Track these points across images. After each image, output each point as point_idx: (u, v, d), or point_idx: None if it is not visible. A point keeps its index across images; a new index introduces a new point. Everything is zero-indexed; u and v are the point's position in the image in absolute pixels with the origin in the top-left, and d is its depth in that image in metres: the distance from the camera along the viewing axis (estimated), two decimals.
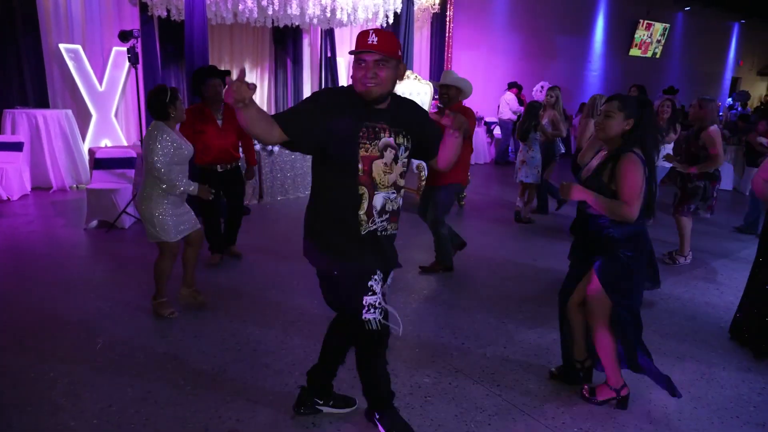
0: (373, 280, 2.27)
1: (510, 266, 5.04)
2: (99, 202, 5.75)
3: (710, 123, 4.83)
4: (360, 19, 7.80)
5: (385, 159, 2.23)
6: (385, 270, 2.37)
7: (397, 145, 2.25)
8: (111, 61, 8.24)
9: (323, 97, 2.25)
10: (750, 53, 23.62)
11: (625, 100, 2.69)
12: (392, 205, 2.30)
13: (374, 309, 2.28)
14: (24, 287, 4.22)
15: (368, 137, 2.20)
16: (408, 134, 2.30)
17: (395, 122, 2.26)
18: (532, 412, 2.82)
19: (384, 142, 2.23)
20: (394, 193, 2.29)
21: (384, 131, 2.23)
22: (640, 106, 2.68)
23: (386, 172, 2.24)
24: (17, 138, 7.13)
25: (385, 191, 2.26)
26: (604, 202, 2.62)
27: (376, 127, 2.22)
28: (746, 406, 2.96)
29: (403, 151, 2.28)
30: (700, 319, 4.04)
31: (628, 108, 2.65)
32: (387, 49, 2.11)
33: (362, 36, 2.13)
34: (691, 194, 5.01)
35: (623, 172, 2.59)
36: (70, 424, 2.63)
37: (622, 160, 2.61)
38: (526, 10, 14.12)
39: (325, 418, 2.71)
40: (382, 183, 2.24)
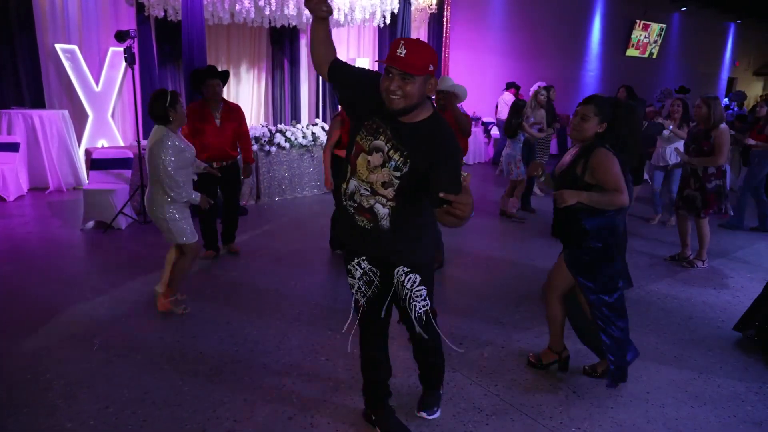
0: (351, 264, 2.44)
1: (508, 266, 5.04)
2: (95, 203, 5.73)
3: (720, 121, 4.83)
4: (357, 20, 7.81)
5: (370, 158, 2.23)
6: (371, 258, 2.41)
7: (388, 156, 2.20)
8: (107, 62, 8.21)
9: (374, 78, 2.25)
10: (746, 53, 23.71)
11: (601, 104, 2.80)
12: (362, 199, 2.27)
13: (354, 290, 2.48)
14: (20, 288, 4.21)
15: (367, 130, 2.25)
16: (408, 159, 2.17)
17: (403, 140, 2.18)
18: (529, 412, 2.82)
19: (376, 144, 2.22)
20: (368, 192, 2.25)
21: (383, 136, 2.21)
22: (614, 108, 2.81)
23: (368, 170, 2.24)
24: (13, 138, 7.11)
25: (358, 182, 2.27)
26: (598, 197, 2.74)
27: (380, 128, 2.21)
28: (743, 405, 2.96)
29: (393, 167, 2.19)
30: (697, 319, 4.04)
31: (602, 113, 2.78)
32: (415, 64, 2.04)
33: (394, 45, 2.08)
34: (716, 194, 4.95)
35: (603, 166, 2.72)
36: (67, 425, 2.62)
37: (596, 155, 2.75)
38: (523, 10, 14.14)
39: (323, 419, 2.71)
40: (359, 173, 2.26)
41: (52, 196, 7.25)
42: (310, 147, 7.54)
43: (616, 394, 3.00)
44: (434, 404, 2.77)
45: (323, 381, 3.05)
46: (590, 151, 2.79)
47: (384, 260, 2.39)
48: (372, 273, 2.43)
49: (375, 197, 2.25)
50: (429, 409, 2.74)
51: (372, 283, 2.44)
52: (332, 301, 4.16)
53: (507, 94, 11.13)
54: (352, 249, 2.44)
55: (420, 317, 2.43)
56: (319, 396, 2.90)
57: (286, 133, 7.33)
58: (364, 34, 11.36)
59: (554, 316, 3.11)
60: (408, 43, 2.06)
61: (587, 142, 2.84)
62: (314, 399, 2.88)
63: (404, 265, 2.35)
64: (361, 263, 2.42)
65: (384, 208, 2.25)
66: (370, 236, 2.31)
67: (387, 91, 2.09)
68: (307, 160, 7.57)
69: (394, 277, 2.39)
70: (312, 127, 7.72)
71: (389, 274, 2.41)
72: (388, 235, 2.28)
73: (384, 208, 2.25)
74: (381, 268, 2.42)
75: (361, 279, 2.44)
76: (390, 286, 2.44)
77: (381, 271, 2.42)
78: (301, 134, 7.44)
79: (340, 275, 4.69)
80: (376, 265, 2.42)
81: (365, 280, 2.44)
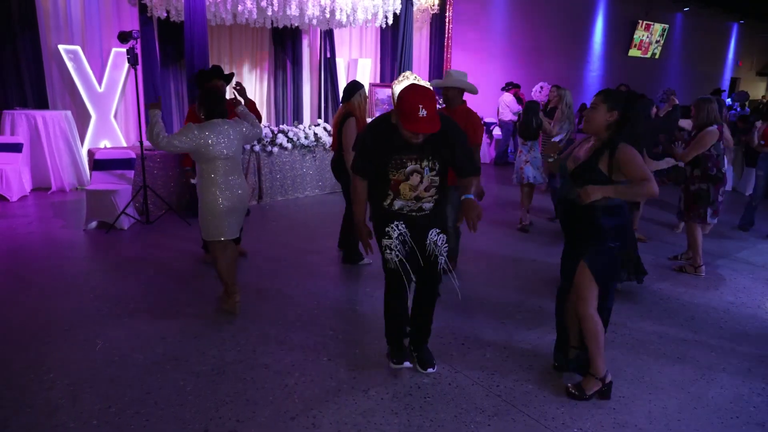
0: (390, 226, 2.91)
1: (510, 266, 5.04)
2: (98, 203, 5.74)
3: (709, 123, 4.72)
4: (359, 20, 7.81)
5: (410, 182, 2.83)
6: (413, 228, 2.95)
7: (422, 168, 2.81)
8: (110, 62, 8.24)
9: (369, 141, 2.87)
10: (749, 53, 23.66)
11: (608, 93, 2.81)
12: (410, 209, 2.91)
13: (390, 249, 2.90)
14: (23, 288, 4.22)
15: (395, 166, 2.81)
16: (435, 159, 2.83)
17: (424, 151, 2.78)
18: (531, 413, 2.82)
19: (410, 169, 2.81)
20: (414, 202, 2.89)
21: (411, 160, 2.80)
22: (625, 100, 2.77)
23: (412, 190, 2.85)
24: (16, 139, 7.13)
25: (404, 201, 2.89)
26: (626, 189, 2.70)
27: (403, 158, 2.80)
28: (746, 407, 2.96)
29: (428, 171, 2.83)
30: (699, 320, 4.04)
31: (610, 100, 2.75)
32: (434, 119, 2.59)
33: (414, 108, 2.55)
34: (696, 198, 4.85)
35: (629, 159, 2.68)
36: (70, 425, 2.62)
37: (621, 151, 2.69)
38: (525, 11, 14.13)
39: (325, 419, 2.71)
40: (404, 196, 2.87)
41: (54, 196, 7.27)
42: (312, 147, 7.54)
43: (619, 394, 2.99)
44: (432, 358, 3.14)
45: (325, 381, 3.05)
46: (611, 147, 2.72)
47: (421, 226, 2.94)
48: (406, 235, 2.92)
49: (420, 202, 2.90)
50: (432, 365, 3.10)
51: (406, 243, 2.92)
52: (334, 301, 4.16)
53: (507, 96, 11.11)
54: (391, 217, 2.92)
55: (442, 268, 2.97)
56: (322, 396, 2.91)
57: (288, 134, 7.34)
58: (366, 35, 11.36)
59: (596, 331, 2.84)
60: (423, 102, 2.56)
61: (600, 134, 2.78)
62: (316, 399, 2.88)
63: (436, 228, 2.95)
64: (399, 226, 2.91)
65: (429, 203, 2.93)
66: (414, 216, 2.94)
67: (414, 138, 2.67)
68: (309, 160, 7.57)
69: (426, 237, 2.93)
70: (314, 127, 7.73)
71: (422, 236, 2.93)
72: (428, 213, 2.94)
73: (429, 203, 2.93)
74: (414, 231, 2.94)
75: (398, 238, 2.90)
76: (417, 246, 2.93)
77: (412, 234, 2.93)
78: (303, 135, 7.45)
79: (341, 275, 4.70)
80: (411, 230, 2.93)
81: (401, 240, 2.91)
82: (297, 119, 10.29)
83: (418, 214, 2.92)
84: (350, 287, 4.50)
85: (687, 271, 5.02)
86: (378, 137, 2.83)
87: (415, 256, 2.93)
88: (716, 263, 5.32)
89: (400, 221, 2.91)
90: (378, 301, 3.70)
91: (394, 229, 2.89)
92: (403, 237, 2.90)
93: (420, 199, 2.88)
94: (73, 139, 7.62)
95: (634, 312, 4.10)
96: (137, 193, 6.08)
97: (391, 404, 2.85)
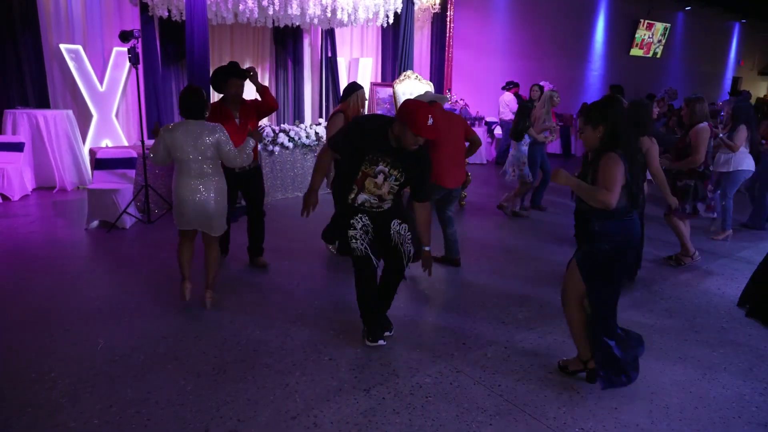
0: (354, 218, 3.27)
1: (511, 266, 5.03)
2: (100, 203, 5.74)
3: (697, 121, 4.82)
4: (360, 19, 7.80)
5: (376, 180, 3.21)
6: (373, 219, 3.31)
7: (389, 174, 3.20)
8: (112, 62, 8.23)
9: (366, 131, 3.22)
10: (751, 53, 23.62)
11: (588, 112, 2.88)
12: (371, 204, 3.28)
13: (355, 239, 3.26)
14: (24, 287, 4.22)
15: (370, 162, 3.19)
16: (404, 173, 3.22)
17: (396, 161, 3.18)
18: (533, 412, 2.82)
19: (379, 169, 3.19)
20: (376, 200, 3.27)
21: (383, 163, 3.18)
22: (603, 110, 2.83)
23: (376, 187, 3.22)
24: (18, 138, 7.13)
25: (367, 195, 3.25)
26: (584, 188, 2.81)
27: (378, 158, 3.18)
28: (748, 407, 2.95)
29: (393, 179, 3.22)
30: (701, 319, 4.03)
31: (593, 119, 2.83)
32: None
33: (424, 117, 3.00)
34: (682, 194, 4.92)
35: (604, 165, 2.77)
36: (70, 424, 2.62)
37: (602, 158, 2.80)
38: (526, 10, 14.11)
39: (326, 418, 2.71)
40: (368, 190, 3.24)
41: (56, 195, 7.27)
42: (313, 146, 7.54)
43: (620, 394, 2.99)
44: (390, 324, 3.58)
45: (327, 380, 3.05)
46: (599, 158, 2.83)
47: (383, 218, 3.29)
48: (368, 226, 3.28)
49: (381, 201, 3.27)
50: (389, 329, 3.55)
51: (368, 233, 3.28)
52: (335, 300, 4.16)
53: (507, 95, 11.10)
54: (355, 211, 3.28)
55: (408, 254, 3.33)
56: (323, 395, 2.91)
57: (289, 133, 7.34)
58: (367, 34, 11.36)
59: (571, 321, 3.06)
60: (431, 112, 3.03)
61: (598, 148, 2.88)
62: (317, 398, 2.88)
63: (397, 218, 3.31)
64: (362, 218, 3.27)
65: (388, 204, 3.32)
66: (375, 213, 3.30)
67: (414, 144, 3.08)
68: (310, 159, 7.57)
69: (390, 228, 3.28)
70: (315, 126, 7.73)
71: (384, 227, 3.29)
72: (388, 210, 3.33)
73: (388, 204, 3.32)
74: (376, 224, 3.30)
75: (361, 229, 3.26)
76: (380, 237, 3.31)
77: (375, 226, 3.29)
78: (304, 134, 7.45)
79: (343, 275, 4.69)
80: (373, 222, 3.29)
81: (364, 230, 3.27)
82: (298, 118, 10.29)
83: (377, 210, 3.29)
84: (351, 287, 4.48)
85: (683, 263, 5.11)
86: (371, 131, 3.19)
87: (377, 245, 3.32)
88: (718, 262, 5.31)
89: (363, 215, 3.28)
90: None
91: (358, 220, 3.26)
92: (366, 228, 3.27)
93: (381, 199, 3.25)
94: (74, 138, 7.61)
95: (635, 311, 4.10)
96: (139, 192, 6.08)
97: (393, 404, 2.85)
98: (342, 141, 3.29)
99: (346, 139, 3.27)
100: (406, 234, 3.29)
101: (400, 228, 3.29)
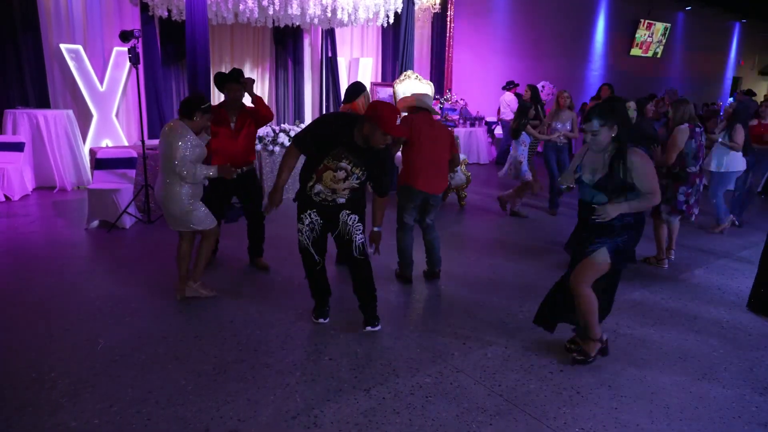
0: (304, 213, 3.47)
1: (511, 265, 5.03)
2: (100, 203, 5.75)
3: (679, 122, 4.85)
4: (360, 19, 7.81)
5: (336, 174, 3.33)
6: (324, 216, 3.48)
7: (351, 172, 3.33)
8: (112, 62, 8.24)
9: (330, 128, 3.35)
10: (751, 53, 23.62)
11: (600, 113, 2.95)
12: (325, 196, 3.39)
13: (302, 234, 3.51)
14: (25, 287, 4.23)
15: (334, 156, 3.30)
16: (366, 171, 3.37)
17: (360, 160, 3.32)
18: (533, 412, 2.82)
19: (341, 165, 3.31)
20: (329, 192, 3.37)
21: (346, 160, 3.30)
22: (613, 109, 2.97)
23: (333, 181, 3.33)
24: (18, 138, 7.14)
25: (323, 187, 3.36)
26: (638, 204, 2.98)
27: (342, 154, 3.29)
28: (748, 406, 2.95)
29: (355, 178, 3.35)
30: (701, 319, 4.03)
31: (606, 119, 2.93)
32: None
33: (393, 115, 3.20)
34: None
35: (641, 171, 2.93)
36: (71, 424, 2.63)
37: (632, 156, 2.94)
38: (526, 10, 14.12)
39: (326, 418, 2.71)
40: (325, 182, 3.35)
41: (56, 195, 7.27)
42: None
43: (620, 394, 2.99)
44: (376, 320, 3.65)
45: (327, 380, 3.05)
46: (622, 154, 2.94)
47: (332, 213, 3.44)
48: (317, 222, 3.47)
49: (335, 194, 3.38)
50: (372, 324, 3.63)
51: (314, 230, 3.48)
52: (335, 300, 4.15)
53: (508, 95, 11.09)
54: (307, 206, 3.45)
55: (358, 246, 3.50)
56: (323, 395, 2.91)
57: (289, 133, 7.33)
58: (367, 34, 11.36)
59: (591, 306, 3.14)
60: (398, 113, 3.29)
61: (608, 148, 3.00)
62: (318, 398, 2.88)
63: (346, 210, 3.44)
64: (312, 214, 3.44)
65: (342, 199, 3.42)
66: (327, 206, 3.43)
67: (383, 142, 3.25)
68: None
69: (338, 221, 3.44)
70: None
71: (332, 221, 3.46)
72: (341, 204, 3.43)
73: (342, 199, 3.42)
74: (325, 218, 3.46)
75: (309, 226, 3.46)
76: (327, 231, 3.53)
77: (324, 221, 3.46)
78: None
79: (342, 274, 4.69)
80: (322, 217, 3.46)
81: (311, 227, 3.47)
82: (298, 118, 10.29)
83: (330, 204, 3.41)
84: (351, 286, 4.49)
85: (650, 263, 5.14)
86: (340, 127, 3.32)
87: (323, 240, 3.56)
88: (719, 262, 5.31)
89: (313, 210, 3.43)
90: (379, 301, 3.70)
91: (307, 217, 3.45)
92: (313, 225, 3.47)
93: (335, 192, 3.36)
94: (74, 138, 7.62)
95: (636, 311, 4.10)
96: (139, 192, 6.08)
97: (393, 403, 2.85)
98: (308, 141, 3.36)
99: (316, 139, 3.34)
100: (354, 225, 3.47)
101: (349, 219, 3.46)
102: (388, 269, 4.71)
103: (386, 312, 3.91)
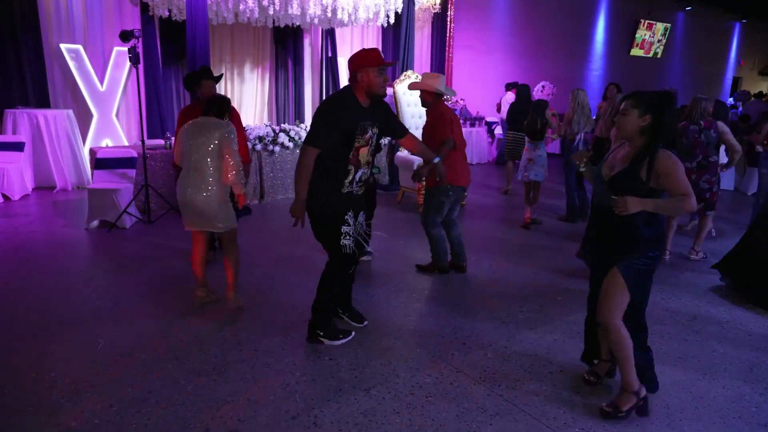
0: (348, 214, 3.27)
1: (511, 266, 5.03)
2: (100, 202, 5.75)
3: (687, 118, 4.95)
4: (361, 19, 7.80)
5: (369, 145, 3.24)
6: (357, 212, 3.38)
7: (373, 133, 3.24)
8: (112, 61, 8.24)
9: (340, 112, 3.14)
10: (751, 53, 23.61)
11: (640, 97, 2.62)
12: (365, 171, 3.31)
13: (349, 237, 3.30)
14: (24, 287, 4.23)
15: (361, 133, 3.16)
16: (379, 126, 3.29)
17: (374, 119, 3.23)
18: (533, 412, 2.82)
19: (370, 134, 3.21)
20: (367, 169, 3.30)
21: (369, 126, 3.19)
22: (659, 102, 2.60)
23: (368, 154, 3.25)
24: (18, 138, 7.14)
25: (365, 167, 3.27)
26: (666, 203, 2.60)
27: (366, 124, 3.17)
28: (748, 407, 2.95)
29: (376, 136, 3.28)
30: (701, 319, 4.03)
31: (642, 105, 2.60)
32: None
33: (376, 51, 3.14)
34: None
35: (671, 171, 2.55)
36: (71, 424, 2.63)
37: (662, 158, 2.56)
38: (527, 10, 14.11)
39: (326, 418, 2.71)
40: (362, 162, 3.24)
41: (56, 195, 7.28)
42: None
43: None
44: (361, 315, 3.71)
45: (327, 380, 3.05)
46: (651, 154, 2.58)
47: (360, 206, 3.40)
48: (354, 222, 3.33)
49: (369, 168, 3.34)
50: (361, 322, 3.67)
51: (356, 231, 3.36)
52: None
53: (509, 94, 11.08)
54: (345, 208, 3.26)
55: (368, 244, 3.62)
56: (323, 395, 2.91)
57: (290, 133, 7.34)
58: (367, 34, 11.36)
59: (626, 351, 2.71)
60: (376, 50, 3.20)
61: (634, 140, 2.65)
62: (318, 398, 2.88)
63: (363, 211, 3.46)
64: (351, 214, 3.28)
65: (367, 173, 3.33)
66: (361, 199, 3.39)
67: (383, 82, 3.13)
68: None
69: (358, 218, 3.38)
70: None
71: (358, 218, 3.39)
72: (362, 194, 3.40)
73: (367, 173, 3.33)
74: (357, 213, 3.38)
75: (353, 227, 3.31)
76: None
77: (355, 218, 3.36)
78: (304, 134, 7.44)
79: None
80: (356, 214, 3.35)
81: (356, 229, 3.34)
82: (298, 118, 10.30)
83: (361, 191, 3.35)
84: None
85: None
86: (347, 108, 3.16)
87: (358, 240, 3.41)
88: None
89: (349, 210, 3.28)
90: (379, 301, 3.70)
91: (351, 217, 3.29)
92: (354, 226, 3.35)
93: (369, 164, 3.32)
94: (74, 138, 7.62)
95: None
96: (139, 192, 6.08)
97: (393, 403, 2.85)
98: (327, 133, 3.11)
99: (334, 129, 3.11)
100: (365, 227, 3.51)
101: (362, 219, 3.45)
102: (387, 269, 4.71)
103: (386, 312, 3.92)
